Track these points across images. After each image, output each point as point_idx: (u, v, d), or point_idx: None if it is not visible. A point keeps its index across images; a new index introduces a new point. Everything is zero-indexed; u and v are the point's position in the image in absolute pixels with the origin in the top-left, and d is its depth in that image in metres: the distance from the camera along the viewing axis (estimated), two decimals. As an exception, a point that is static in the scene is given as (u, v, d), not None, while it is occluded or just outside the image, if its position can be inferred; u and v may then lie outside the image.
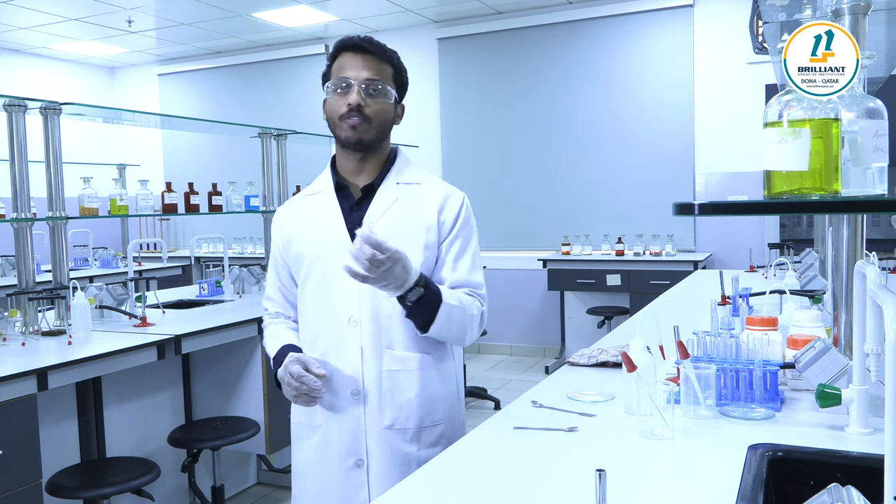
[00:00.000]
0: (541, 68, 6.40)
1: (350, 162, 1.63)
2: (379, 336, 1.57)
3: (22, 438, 2.18)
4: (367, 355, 1.57)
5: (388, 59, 1.61)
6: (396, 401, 1.58)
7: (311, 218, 1.66)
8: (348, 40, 1.59)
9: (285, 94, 7.50)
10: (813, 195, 1.06)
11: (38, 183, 2.89)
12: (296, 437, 1.70)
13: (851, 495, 0.93)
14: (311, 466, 1.64)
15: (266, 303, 1.77)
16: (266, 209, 4.19)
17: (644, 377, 1.40)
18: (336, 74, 1.59)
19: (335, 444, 1.59)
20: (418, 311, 1.49)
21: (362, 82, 1.55)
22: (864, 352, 1.23)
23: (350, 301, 1.57)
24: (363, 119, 1.55)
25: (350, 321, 1.57)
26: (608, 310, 5.68)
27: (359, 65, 1.56)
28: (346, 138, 1.57)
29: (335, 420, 1.59)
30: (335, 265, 1.55)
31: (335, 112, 1.58)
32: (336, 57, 1.61)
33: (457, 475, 1.27)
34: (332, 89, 1.58)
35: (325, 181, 1.68)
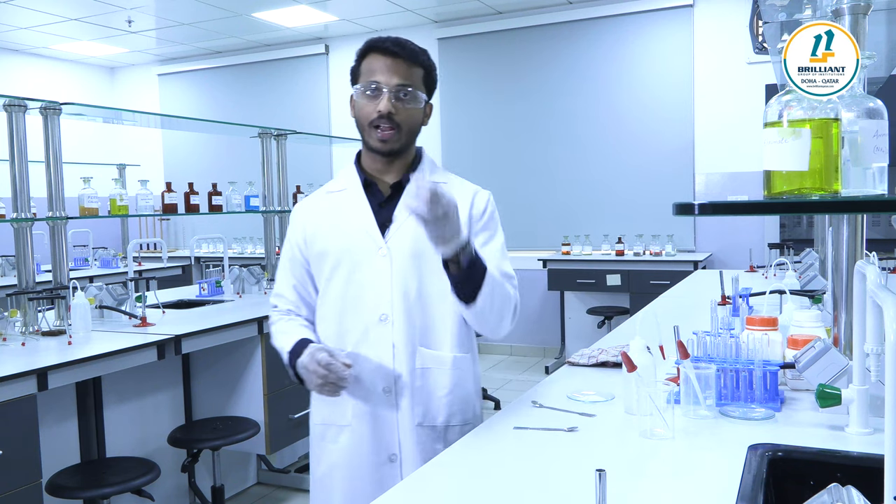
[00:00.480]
0: (541, 68, 6.40)
1: (377, 162, 1.63)
2: (412, 333, 1.58)
3: (22, 438, 2.18)
4: (399, 352, 1.57)
5: (420, 62, 1.58)
6: (427, 398, 1.59)
7: (337, 214, 1.64)
8: (379, 42, 1.56)
9: (285, 94, 7.50)
10: (813, 195, 1.06)
11: (38, 183, 2.89)
12: (319, 438, 1.66)
13: (851, 495, 0.93)
14: (342, 466, 1.61)
15: (276, 300, 1.74)
16: (266, 209, 4.19)
17: (644, 377, 1.40)
18: (366, 76, 1.55)
19: (367, 441, 1.58)
20: (467, 277, 1.44)
21: (392, 88, 1.52)
22: (864, 352, 1.23)
23: (382, 298, 1.57)
24: (393, 126, 1.54)
25: (381, 318, 1.57)
26: (608, 310, 5.68)
27: (389, 69, 1.53)
28: (376, 147, 1.57)
29: (367, 417, 1.58)
30: (365, 262, 1.58)
31: (364, 116, 1.56)
32: (365, 55, 1.57)
33: (457, 475, 1.27)
34: (362, 91, 1.55)
35: (351, 178, 1.66)
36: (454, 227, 1.37)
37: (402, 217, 1.58)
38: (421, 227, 1.41)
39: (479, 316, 1.51)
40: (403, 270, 1.57)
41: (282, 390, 3.24)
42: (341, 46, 7.27)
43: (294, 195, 4.49)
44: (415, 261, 1.57)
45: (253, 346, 3.17)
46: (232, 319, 3.09)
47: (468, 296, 1.47)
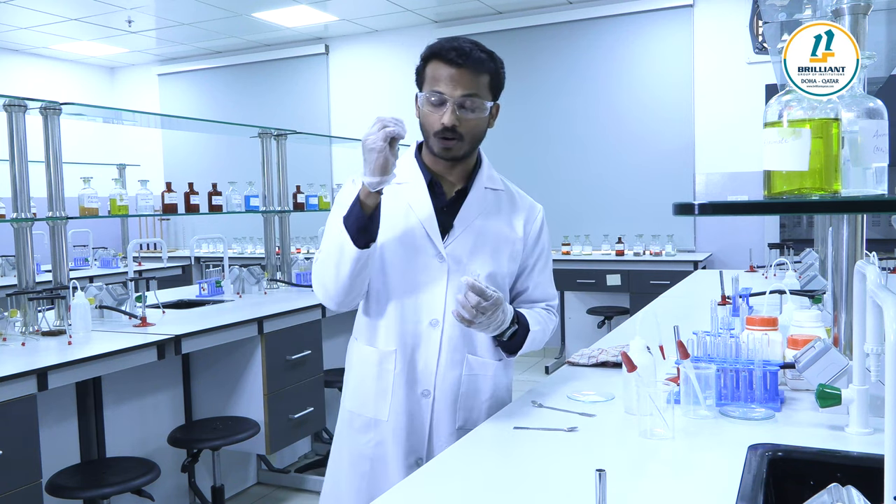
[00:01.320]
0: (541, 68, 6.39)
1: (440, 164, 1.62)
2: (461, 341, 1.60)
3: (22, 438, 2.18)
4: (444, 358, 1.59)
5: (484, 69, 1.54)
6: (470, 403, 1.61)
7: (399, 207, 1.60)
8: (443, 50, 1.51)
9: (285, 94, 7.50)
10: (813, 195, 1.06)
11: (38, 183, 2.89)
12: (346, 424, 1.66)
13: (851, 495, 0.93)
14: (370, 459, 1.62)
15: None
16: (266, 209, 4.19)
17: (644, 377, 1.40)
18: (430, 84, 1.53)
19: (399, 441, 1.59)
20: (509, 343, 1.59)
21: (457, 99, 1.50)
22: (864, 352, 1.23)
23: (436, 303, 1.58)
24: (456, 137, 1.53)
25: (431, 322, 1.58)
26: (608, 310, 5.68)
27: (454, 79, 1.50)
28: (439, 154, 1.57)
29: (402, 417, 1.59)
30: (422, 265, 1.58)
31: (429, 125, 1.54)
32: (429, 60, 1.55)
33: (457, 475, 1.27)
34: (426, 100, 1.53)
35: (414, 172, 1.63)
36: (497, 323, 1.49)
37: (461, 225, 1.60)
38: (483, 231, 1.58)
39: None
40: (458, 278, 1.54)
41: (282, 390, 3.24)
42: (341, 46, 7.28)
43: (294, 195, 4.49)
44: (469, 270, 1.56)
45: (253, 346, 3.17)
46: (232, 319, 3.08)
47: (509, 352, 1.63)
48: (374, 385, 1.62)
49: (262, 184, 4.18)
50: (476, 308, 1.42)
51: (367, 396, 1.62)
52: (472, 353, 1.62)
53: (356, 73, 7.23)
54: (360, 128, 6.12)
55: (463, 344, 1.60)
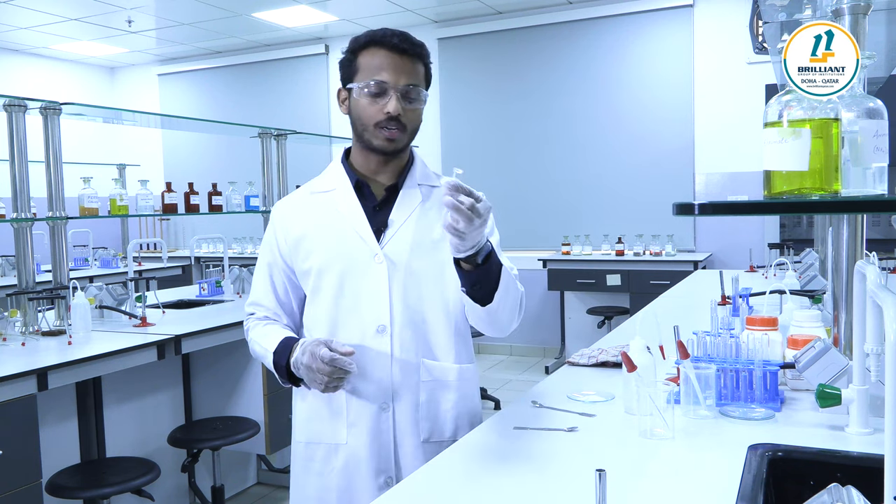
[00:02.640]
0: (541, 68, 6.40)
1: (372, 162, 1.53)
2: (415, 345, 1.48)
3: (22, 438, 2.18)
4: (398, 366, 1.47)
5: (422, 58, 1.48)
6: (433, 413, 1.50)
7: (326, 217, 1.52)
8: (383, 37, 1.45)
9: (285, 94, 7.50)
10: (813, 195, 1.06)
11: (38, 183, 2.89)
12: (306, 460, 1.54)
13: (851, 495, 0.93)
14: (335, 490, 1.49)
15: (251, 308, 1.61)
16: (266, 209, 4.19)
17: (644, 377, 1.40)
18: (368, 74, 1.44)
19: (364, 463, 1.48)
20: (483, 276, 1.35)
21: (401, 88, 1.44)
22: (864, 352, 1.23)
23: (380, 307, 1.47)
24: (400, 128, 1.45)
25: (379, 329, 1.47)
26: (608, 310, 5.68)
27: (396, 67, 1.44)
28: (381, 147, 1.47)
29: (362, 436, 1.48)
30: (360, 270, 1.48)
31: (368, 117, 1.45)
32: (364, 49, 1.47)
33: (457, 475, 1.27)
34: (364, 91, 1.44)
35: (339, 178, 1.55)
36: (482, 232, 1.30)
37: (398, 222, 1.49)
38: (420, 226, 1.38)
39: (493, 316, 1.42)
40: (402, 278, 1.47)
41: (282, 390, 3.24)
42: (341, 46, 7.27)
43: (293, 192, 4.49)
44: (412, 268, 1.48)
45: (253, 346, 3.17)
46: (232, 319, 3.08)
47: (484, 296, 1.38)
48: (326, 408, 1.51)
49: (262, 184, 4.18)
50: (472, 210, 1.24)
51: (321, 422, 1.51)
52: (427, 358, 1.50)
53: (356, 73, 7.23)
54: (360, 128, 5.91)
55: (416, 348, 1.48)
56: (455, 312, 1.52)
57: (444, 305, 1.51)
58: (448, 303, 1.51)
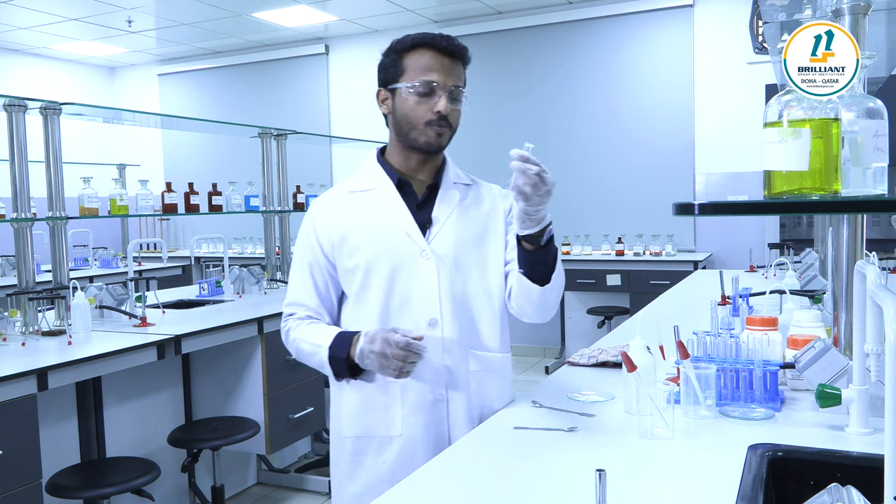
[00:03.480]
0: (541, 68, 6.39)
1: (413, 161, 1.58)
2: (463, 336, 1.55)
3: (22, 438, 2.18)
4: (450, 358, 1.53)
5: (465, 61, 1.55)
6: (484, 400, 1.58)
7: (369, 215, 1.56)
8: (433, 39, 1.50)
9: (285, 94, 7.50)
10: (813, 195, 1.06)
11: (38, 183, 2.89)
12: (356, 453, 1.55)
13: (851, 495, 0.93)
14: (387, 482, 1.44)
15: (291, 308, 1.60)
16: (266, 209, 4.19)
17: (644, 377, 1.40)
18: (416, 73, 1.49)
19: (420, 452, 1.50)
20: (544, 257, 1.45)
21: (448, 89, 1.50)
22: (864, 352, 1.23)
23: (430, 302, 1.52)
24: (448, 127, 1.52)
25: (430, 323, 1.52)
26: (608, 310, 5.68)
27: (445, 69, 1.50)
28: (427, 144, 1.52)
29: (418, 427, 1.52)
30: (408, 266, 1.53)
31: (417, 117, 1.50)
32: (412, 50, 1.51)
33: (457, 475, 1.27)
34: (412, 90, 1.49)
35: (378, 177, 1.58)
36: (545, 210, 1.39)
37: (442, 218, 1.56)
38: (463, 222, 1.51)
39: (544, 297, 1.49)
40: (449, 273, 1.53)
41: (282, 390, 3.24)
42: (341, 46, 7.27)
43: (294, 195, 4.49)
44: (458, 262, 1.54)
45: (253, 346, 3.17)
46: (232, 319, 3.08)
47: (542, 277, 1.46)
48: (378, 403, 1.53)
49: (262, 184, 4.18)
50: (539, 175, 1.32)
51: (374, 416, 1.53)
52: (475, 348, 1.57)
53: (356, 73, 7.23)
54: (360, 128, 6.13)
55: (465, 339, 1.55)
56: (498, 303, 1.60)
57: (489, 297, 1.58)
58: (492, 294, 1.58)
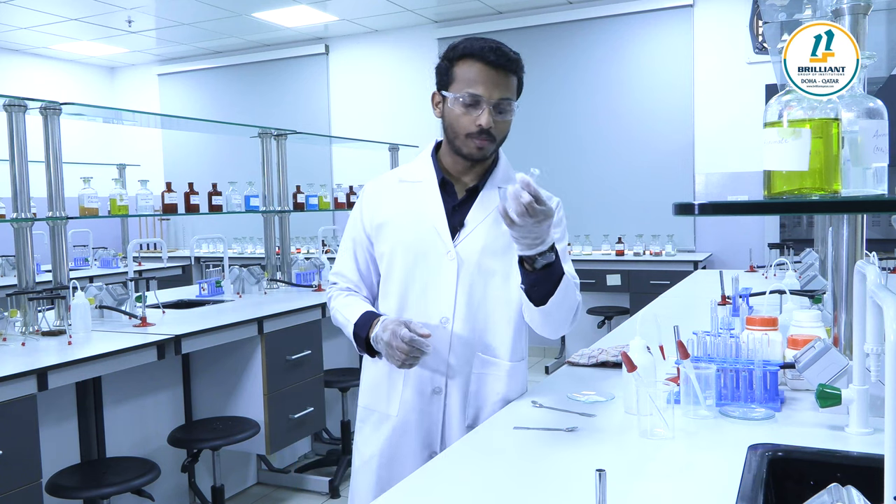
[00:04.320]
0: (541, 68, 6.39)
1: (459, 164, 1.62)
2: (472, 338, 1.59)
3: (22, 438, 2.18)
4: (454, 357, 1.58)
5: (517, 72, 1.55)
6: (481, 402, 1.61)
7: (409, 205, 1.62)
8: (481, 50, 1.50)
9: (285, 94, 7.50)
10: (813, 195, 1.06)
11: (38, 183, 2.89)
12: (362, 421, 1.69)
13: (851, 495, 0.93)
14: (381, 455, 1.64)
15: (335, 277, 1.73)
16: (266, 209, 4.19)
17: (644, 377, 1.40)
18: (464, 85, 1.51)
19: (410, 437, 1.61)
20: (542, 279, 1.43)
21: (493, 102, 1.51)
22: (864, 352, 1.23)
23: (445, 301, 1.57)
24: (490, 140, 1.54)
25: (442, 321, 1.58)
26: (608, 310, 5.68)
27: (492, 82, 1.50)
28: (470, 155, 1.56)
29: (412, 414, 1.61)
30: (432, 262, 1.58)
31: (461, 127, 1.53)
32: (461, 59, 1.53)
33: (457, 475, 1.27)
34: (459, 100, 1.52)
35: (427, 171, 1.64)
36: (540, 238, 1.35)
37: (473, 222, 1.59)
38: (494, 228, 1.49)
39: (546, 317, 1.50)
40: (469, 277, 1.57)
41: (282, 390, 3.24)
42: (341, 46, 7.27)
43: (294, 195, 4.49)
44: (481, 268, 1.57)
45: (253, 346, 3.17)
46: (232, 319, 3.08)
47: (540, 298, 1.45)
48: (384, 381, 1.64)
49: (262, 184, 4.18)
50: (528, 207, 1.28)
51: (379, 392, 1.65)
52: (483, 353, 1.60)
53: (356, 73, 7.23)
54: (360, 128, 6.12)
55: (474, 342, 1.59)
56: (517, 313, 1.61)
57: (507, 305, 1.60)
58: (511, 303, 1.60)
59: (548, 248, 1.38)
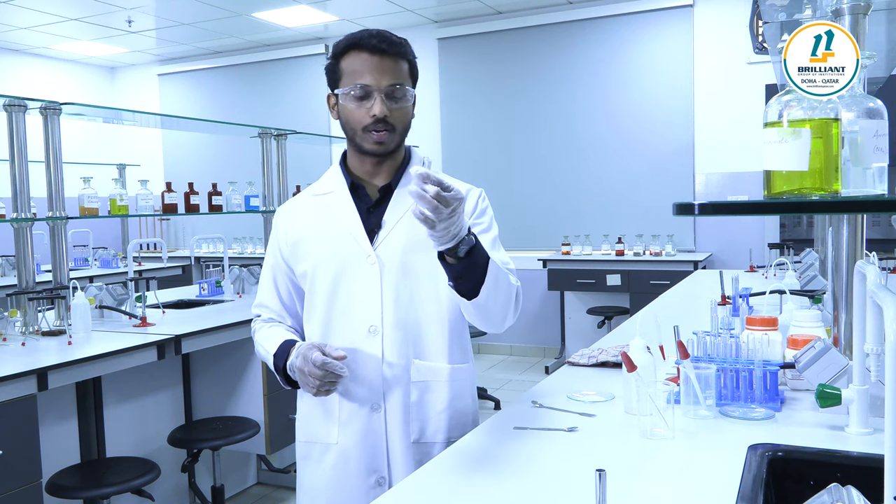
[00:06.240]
0: (541, 68, 6.40)
1: (366, 164, 1.53)
2: (405, 345, 1.49)
3: (22, 438, 2.18)
4: (390, 366, 1.48)
5: (404, 56, 1.47)
6: (424, 413, 1.50)
7: (322, 219, 1.54)
8: (361, 40, 1.44)
9: (285, 94, 7.50)
10: (813, 195, 1.06)
11: (38, 183, 2.89)
12: (304, 458, 1.58)
13: (851, 495, 0.93)
14: (327, 489, 1.52)
15: (258, 310, 1.64)
16: (266, 209, 4.19)
17: (644, 377, 1.40)
18: (351, 78, 1.44)
19: (354, 462, 1.50)
20: (467, 269, 1.30)
21: (384, 89, 1.42)
22: (864, 352, 1.23)
23: (371, 308, 1.48)
24: (388, 129, 1.44)
25: (370, 330, 1.48)
26: (608, 310, 5.68)
27: (377, 68, 1.42)
28: (371, 150, 1.47)
29: (354, 436, 1.50)
30: (353, 270, 1.49)
31: (356, 121, 1.45)
32: (345, 54, 1.46)
33: (457, 475, 1.27)
34: (349, 95, 1.44)
35: (337, 180, 1.56)
36: (458, 225, 1.23)
37: (391, 222, 1.50)
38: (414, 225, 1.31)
39: (482, 310, 1.38)
40: (394, 279, 1.48)
41: (282, 390, 3.24)
42: (341, 46, 7.27)
43: (294, 195, 4.49)
44: (405, 268, 1.48)
45: (253, 346, 3.16)
46: (232, 319, 3.09)
47: (469, 290, 1.33)
48: (320, 408, 1.54)
49: (262, 184, 4.18)
50: (437, 199, 1.17)
51: (315, 422, 1.55)
52: (418, 358, 1.50)
53: (356, 73, 7.23)
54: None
55: (407, 348, 1.49)
56: (450, 311, 1.52)
57: (438, 305, 1.51)
58: (442, 302, 1.50)
59: (466, 232, 1.26)
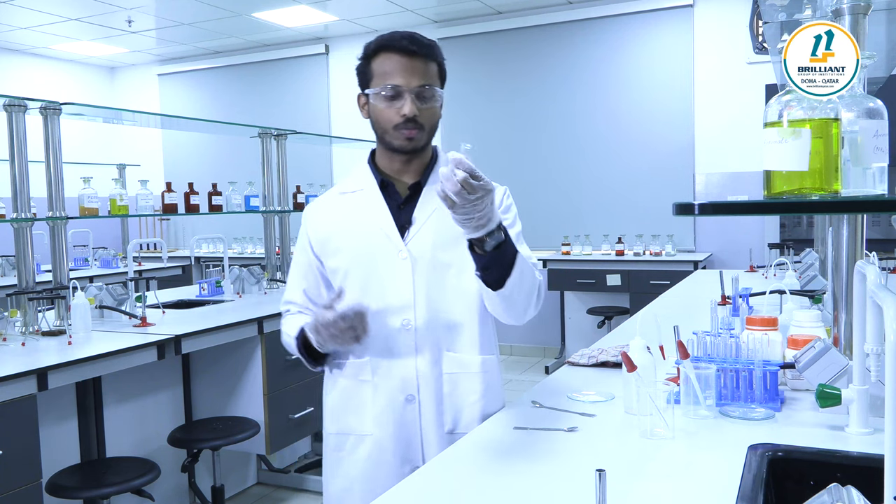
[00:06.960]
0: (541, 68, 6.40)
1: (396, 162, 1.58)
2: (437, 338, 1.53)
3: (22, 438, 2.18)
4: (422, 360, 1.52)
5: (433, 56, 1.54)
6: (458, 404, 1.54)
7: (352, 216, 1.58)
8: (392, 41, 1.50)
9: (285, 94, 7.50)
10: (813, 195, 1.06)
11: (38, 183, 2.89)
12: (335, 449, 1.60)
13: (851, 495, 0.93)
14: (362, 480, 1.55)
15: (285, 306, 1.69)
16: (266, 209, 4.19)
17: (644, 377, 1.40)
18: (382, 78, 1.49)
19: (389, 453, 1.53)
20: (495, 261, 1.35)
21: (414, 89, 1.48)
22: (864, 352, 1.23)
23: (404, 303, 1.52)
24: (418, 128, 1.50)
25: (404, 324, 1.52)
26: (608, 310, 5.68)
27: (407, 69, 1.48)
28: (401, 147, 1.52)
29: (388, 427, 1.53)
30: (385, 266, 1.53)
31: (387, 121, 1.50)
32: (376, 55, 1.51)
33: (457, 475, 1.27)
34: (380, 95, 1.49)
35: (366, 178, 1.60)
36: (485, 216, 1.28)
37: (421, 219, 1.54)
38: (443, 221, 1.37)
39: (507, 301, 1.42)
40: (425, 273, 1.52)
41: (282, 390, 3.24)
42: (341, 46, 7.27)
43: (294, 195, 4.49)
44: (436, 263, 1.52)
45: (253, 346, 3.17)
46: (232, 319, 3.08)
47: (496, 281, 1.38)
48: (353, 400, 1.57)
49: (262, 184, 4.18)
50: (464, 184, 1.22)
51: (348, 413, 1.58)
52: (450, 350, 1.55)
53: (356, 73, 7.23)
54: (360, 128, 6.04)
55: (440, 341, 1.54)
56: (478, 304, 1.55)
57: (467, 297, 1.54)
58: (471, 294, 1.54)
59: (496, 227, 1.32)
